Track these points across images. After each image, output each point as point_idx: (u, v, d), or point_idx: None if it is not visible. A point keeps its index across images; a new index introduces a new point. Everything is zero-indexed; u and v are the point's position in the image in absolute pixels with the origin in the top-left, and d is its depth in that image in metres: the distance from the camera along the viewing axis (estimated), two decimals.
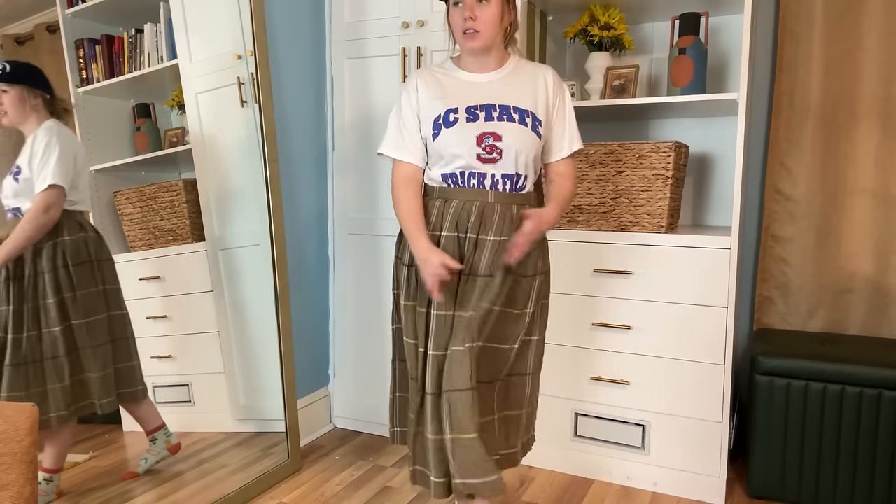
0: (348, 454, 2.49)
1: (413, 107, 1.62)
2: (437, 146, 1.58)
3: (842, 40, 2.27)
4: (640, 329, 2.15)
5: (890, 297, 2.28)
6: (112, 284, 1.87)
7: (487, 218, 1.58)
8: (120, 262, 1.96)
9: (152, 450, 1.99)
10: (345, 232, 2.64)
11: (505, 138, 1.56)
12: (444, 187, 1.62)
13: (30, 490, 1.11)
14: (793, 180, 2.37)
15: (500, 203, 1.59)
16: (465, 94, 1.60)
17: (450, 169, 1.59)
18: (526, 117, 1.58)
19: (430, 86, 1.62)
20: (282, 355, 2.28)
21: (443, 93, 1.60)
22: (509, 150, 1.56)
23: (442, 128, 1.57)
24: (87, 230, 1.81)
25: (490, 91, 1.60)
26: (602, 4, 2.31)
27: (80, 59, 1.85)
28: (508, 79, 1.63)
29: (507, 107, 1.58)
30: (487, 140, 1.55)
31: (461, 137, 1.55)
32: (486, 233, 1.57)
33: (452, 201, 1.60)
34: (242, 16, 2.15)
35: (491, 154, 1.56)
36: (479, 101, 1.58)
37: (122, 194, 1.97)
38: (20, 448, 1.10)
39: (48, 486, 1.79)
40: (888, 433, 1.93)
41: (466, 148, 1.55)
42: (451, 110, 1.57)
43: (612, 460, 2.24)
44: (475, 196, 1.58)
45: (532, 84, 1.63)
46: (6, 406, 1.12)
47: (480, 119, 1.56)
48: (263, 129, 2.20)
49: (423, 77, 1.64)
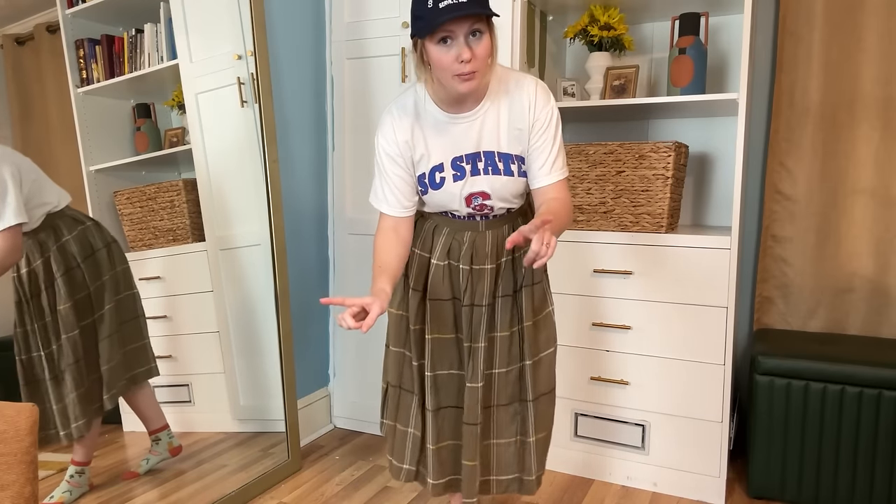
0: (348, 454, 2.49)
1: (392, 156, 1.50)
2: (426, 199, 1.55)
3: (842, 40, 2.27)
4: (640, 329, 2.15)
5: (890, 297, 2.28)
6: (122, 265, 1.86)
7: (479, 248, 1.56)
8: None
9: (155, 450, 1.98)
10: (345, 232, 2.64)
11: (494, 195, 1.51)
12: (436, 214, 1.60)
13: (30, 490, 1.10)
14: (793, 180, 2.37)
15: (491, 230, 1.57)
16: (447, 143, 1.48)
17: (439, 210, 1.58)
18: (511, 164, 1.49)
19: (409, 138, 1.48)
20: (282, 355, 2.28)
21: (424, 144, 1.48)
22: (498, 203, 1.53)
23: (429, 188, 1.52)
24: (84, 221, 1.79)
25: (473, 134, 1.47)
26: (602, 4, 2.31)
27: (80, 59, 1.85)
28: (490, 113, 1.47)
29: (491, 154, 1.48)
30: (476, 200, 1.51)
31: (450, 197, 1.51)
32: (481, 262, 1.56)
33: (444, 229, 1.58)
34: (242, 16, 2.15)
35: (482, 211, 1.54)
36: (463, 149, 1.48)
37: (122, 194, 1.97)
38: (20, 448, 1.10)
39: (80, 477, 1.81)
40: (888, 433, 1.93)
41: (455, 206, 1.53)
42: (436, 168, 1.49)
43: (612, 460, 2.24)
44: (466, 227, 1.57)
45: (516, 109, 1.47)
46: (6, 406, 1.12)
47: (466, 174, 1.48)
48: (263, 129, 2.20)
49: (400, 126, 1.48)
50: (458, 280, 1.58)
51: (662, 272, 2.10)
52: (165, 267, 2.03)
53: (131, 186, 1.99)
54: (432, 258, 1.59)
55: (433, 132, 1.48)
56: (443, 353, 1.62)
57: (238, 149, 2.23)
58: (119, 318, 1.84)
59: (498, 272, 1.58)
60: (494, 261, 1.57)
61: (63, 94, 1.82)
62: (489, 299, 1.57)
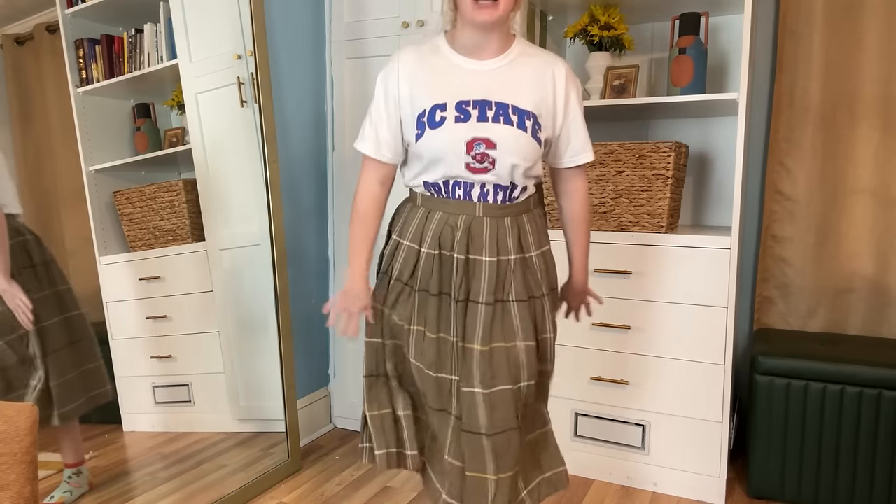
0: (348, 454, 2.49)
1: (393, 95, 1.38)
2: (419, 148, 1.36)
3: (842, 40, 2.27)
4: (640, 329, 2.15)
5: (890, 297, 2.28)
6: (63, 285, 1.78)
7: (476, 235, 1.36)
8: (120, 262, 1.96)
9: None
10: (345, 232, 2.64)
11: (499, 145, 1.32)
12: (427, 196, 1.41)
13: (30, 490, 1.10)
14: (793, 180, 2.37)
15: (490, 217, 1.37)
16: (456, 84, 1.35)
17: (431, 177, 1.38)
18: (526, 120, 1.34)
19: (415, 72, 1.37)
20: (282, 355, 2.28)
21: (429, 81, 1.36)
22: (503, 160, 1.33)
23: (426, 128, 1.34)
24: (25, 234, 1.71)
25: (487, 83, 1.35)
26: (602, 4, 2.31)
27: (80, 59, 1.85)
28: (510, 69, 1.37)
29: (504, 105, 1.33)
30: (478, 147, 1.32)
31: (448, 142, 1.32)
32: (478, 252, 1.36)
33: (436, 213, 1.39)
34: (242, 16, 2.15)
35: (482, 163, 1.33)
36: (472, 94, 1.33)
37: (122, 194, 1.97)
38: (20, 448, 1.10)
39: (78, 477, 1.79)
40: (888, 433, 1.93)
41: (453, 154, 1.33)
42: (439, 106, 1.33)
43: (612, 460, 2.24)
44: (460, 209, 1.37)
45: (539, 78, 1.37)
46: (6, 406, 1.12)
47: (472, 119, 1.32)
48: (263, 129, 2.20)
49: (407, 60, 1.38)
50: (451, 272, 1.38)
51: (662, 272, 2.10)
52: (165, 267, 2.03)
53: (131, 186, 1.99)
54: (422, 248, 1.40)
55: (442, 71, 1.37)
56: (425, 348, 1.41)
57: (238, 149, 2.23)
58: (68, 337, 1.77)
59: (501, 268, 1.37)
60: (495, 254, 1.37)
61: (63, 94, 1.82)
62: (489, 298, 1.36)
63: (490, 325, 1.36)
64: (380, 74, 1.40)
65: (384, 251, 1.50)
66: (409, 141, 1.39)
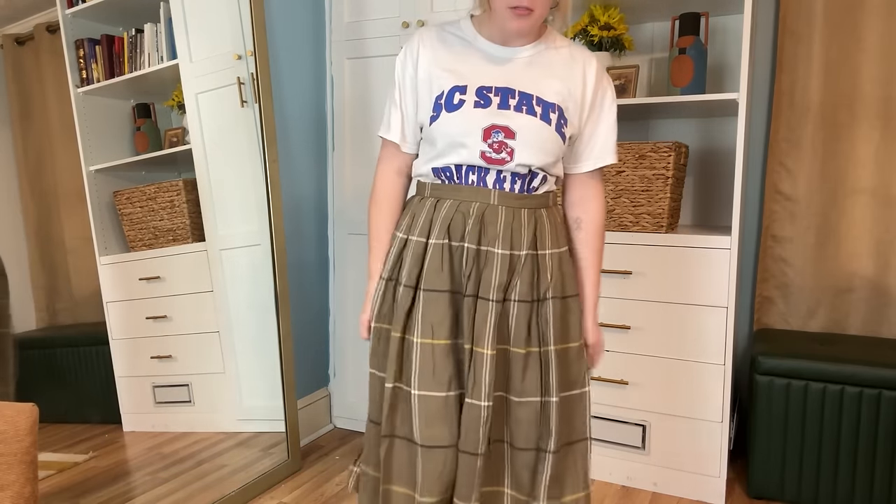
0: (348, 454, 2.49)
1: (410, 74, 1.29)
2: (433, 132, 1.26)
3: (842, 40, 2.27)
4: (640, 329, 2.15)
5: (890, 297, 2.28)
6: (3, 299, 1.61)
7: (489, 224, 1.25)
8: (120, 262, 1.96)
9: None
10: (345, 232, 2.65)
11: (519, 136, 1.22)
12: (437, 184, 1.30)
13: (30, 490, 1.10)
14: (793, 180, 2.37)
15: (505, 206, 1.25)
16: (479, 69, 1.26)
17: (442, 163, 1.28)
18: (551, 112, 1.24)
19: (437, 51, 1.28)
20: (282, 355, 2.28)
21: (451, 61, 1.27)
22: (522, 152, 1.23)
23: (442, 110, 1.24)
24: None
25: (512, 71, 1.26)
26: (602, 4, 2.31)
27: (80, 59, 1.85)
28: (538, 59, 1.28)
29: (528, 96, 1.24)
30: (496, 135, 1.22)
31: (464, 127, 1.23)
32: (490, 243, 1.24)
33: (446, 201, 1.28)
34: (242, 16, 2.15)
35: (499, 154, 1.23)
36: (494, 81, 1.24)
37: (122, 194, 1.97)
38: (20, 448, 1.10)
39: None
40: (888, 433, 1.93)
41: (470, 140, 1.23)
42: (458, 89, 1.24)
43: (612, 460, 2.24)
44: (474, 196, 1.26)
45: (567, 71, 1.28)
46: (6, 406, 1.12)
47: (493, 105, 1.22)
48: (263, 129, 2.20)
49: (428, 39, 1.29)
50: (461, 265, 1.26)
51: (662, 272, 2.10)
52: (165, 267, 2.03)
53: (131, 186, 1.99)
54: (430, 239, 1.27)
55: (466, 54, 1.28)
56: (434, 365, 1.25)
57: (238, 149, 2.23)
58: None
59: (512, 263, 1.25)
60: (508, 247, 1.25)
61: (63, 94, 1.82)
62: (499, 294, 1.24)
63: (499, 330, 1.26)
64: (399, 53, 1.32)
65: (388, 254, 1.36)
66: (423, 123, 1.30)
